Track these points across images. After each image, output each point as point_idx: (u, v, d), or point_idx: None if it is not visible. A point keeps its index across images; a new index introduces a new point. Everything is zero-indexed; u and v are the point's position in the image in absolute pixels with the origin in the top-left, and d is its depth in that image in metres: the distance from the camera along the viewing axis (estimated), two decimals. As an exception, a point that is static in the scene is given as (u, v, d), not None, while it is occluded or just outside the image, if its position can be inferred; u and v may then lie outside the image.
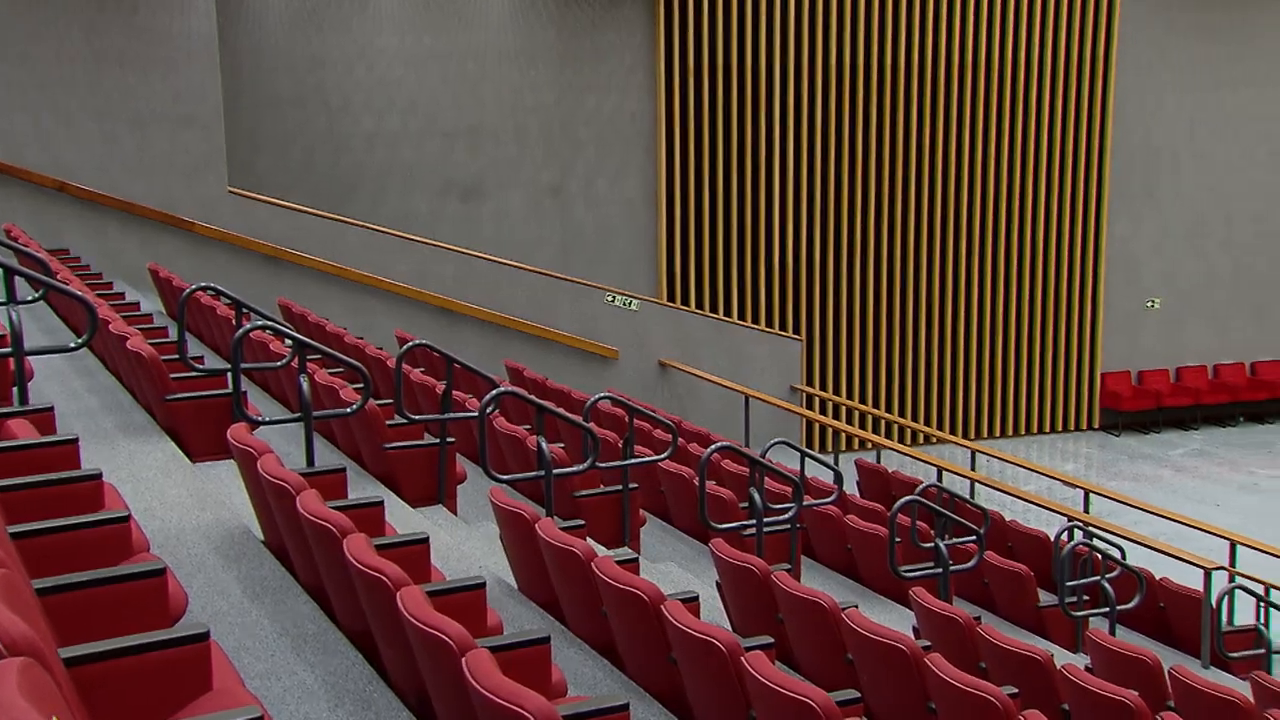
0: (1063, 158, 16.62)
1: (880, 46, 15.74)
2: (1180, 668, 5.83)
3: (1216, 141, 17.25)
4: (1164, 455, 16.45)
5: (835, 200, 15.88)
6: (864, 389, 16.33)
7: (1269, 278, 17.77)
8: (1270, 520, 13.71)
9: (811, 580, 7.28)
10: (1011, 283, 16.72)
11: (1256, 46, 17.16)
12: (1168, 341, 17.52)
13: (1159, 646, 7.93)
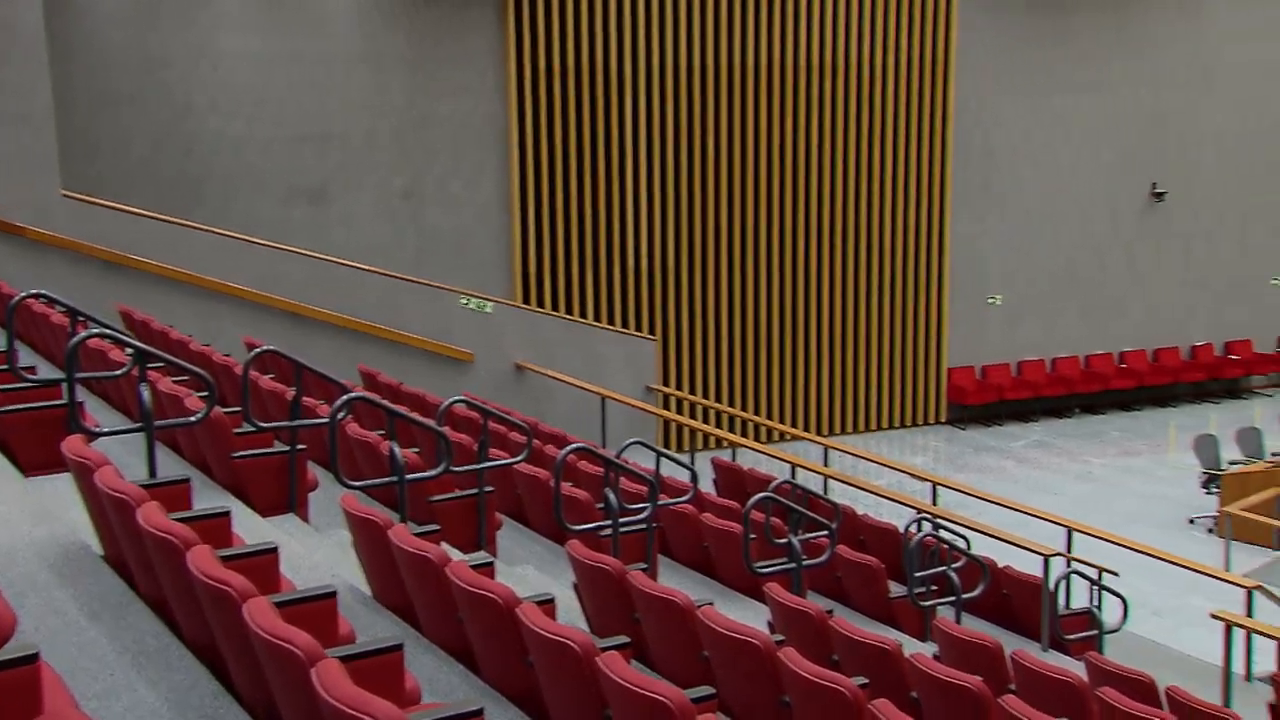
0: (907, 159, 17.09)
1: (729, 50, 15.96)
2: (1021, 652, 6.03)
3: (1049, 144, 17.92)
4: (1006, 447, 17.03)
5: (688, 201, 16.05)
6: (719, 388, 16.53)
7: (1097, 275, 18.53)
8: (1103, 506, 14.33)
9: (669, 579, 7.34)
10: (861, 282, 17.11)
11: (1083, 52, 17.88)
12: (1008, 337, 18.15)
13: (1002, 632, 8.20)
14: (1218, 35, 18.58)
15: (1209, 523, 13.44)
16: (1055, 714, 4.99)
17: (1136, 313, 18.82)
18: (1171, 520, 13.87)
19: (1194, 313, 19.15)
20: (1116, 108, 18.18)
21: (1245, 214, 19.21)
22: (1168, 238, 18.81)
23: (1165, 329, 19.01)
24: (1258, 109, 19.02)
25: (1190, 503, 14.05)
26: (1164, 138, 18.54)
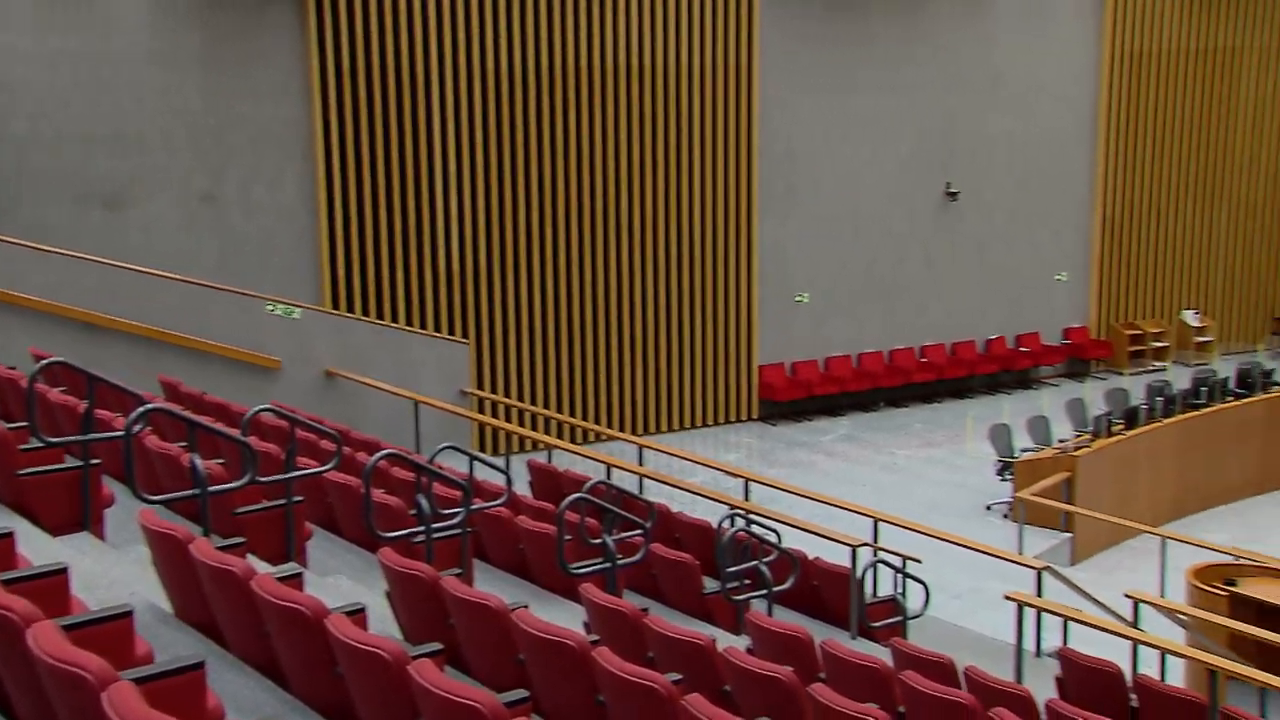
0: (714, 160, 17.38)
1: (537, 51, 15.96)
2: (830, 641, 6.21)
3: (849, 144, 18.48)
4: (816, 441, 17.49)
5: (498, 203, 15.99)
6: (534, 390, 16.52)
7: (898, 272, 19.21)
8: (908, 496, 14.85)
9: (484, 583, 7.30)
10: (672, 281, 17.33)
11: (879, 55, 18.50)
12: (816, 334, 18.64)
13: (813, 622, 8.41)
14: (1004, 41, 19.46)
15: (1004, 508, 14.06)
16: (861, 699, 5.15)
17: (935, 308, 19.57)
18: (970, 507, 14.47)
19: (987, 308, 20.02)
20: (912, 109, 18.87)
21: (1032, 213, 20.18)
22: (962, 236, 19.63)
23: (962, 323, 19.82)
24: (1040, 113, 19.98)
25: (987, 490, 14.67)
26: (956, 139, 19.34)
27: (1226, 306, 22.22)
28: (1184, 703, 6.72)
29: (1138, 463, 14.21)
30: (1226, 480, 15.01)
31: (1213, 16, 21.05)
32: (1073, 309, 20.80)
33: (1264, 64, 21.68)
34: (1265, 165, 22.08)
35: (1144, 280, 21.38)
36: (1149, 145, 20.93)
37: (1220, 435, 14.93)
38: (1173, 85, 20.95)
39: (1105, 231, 20.78)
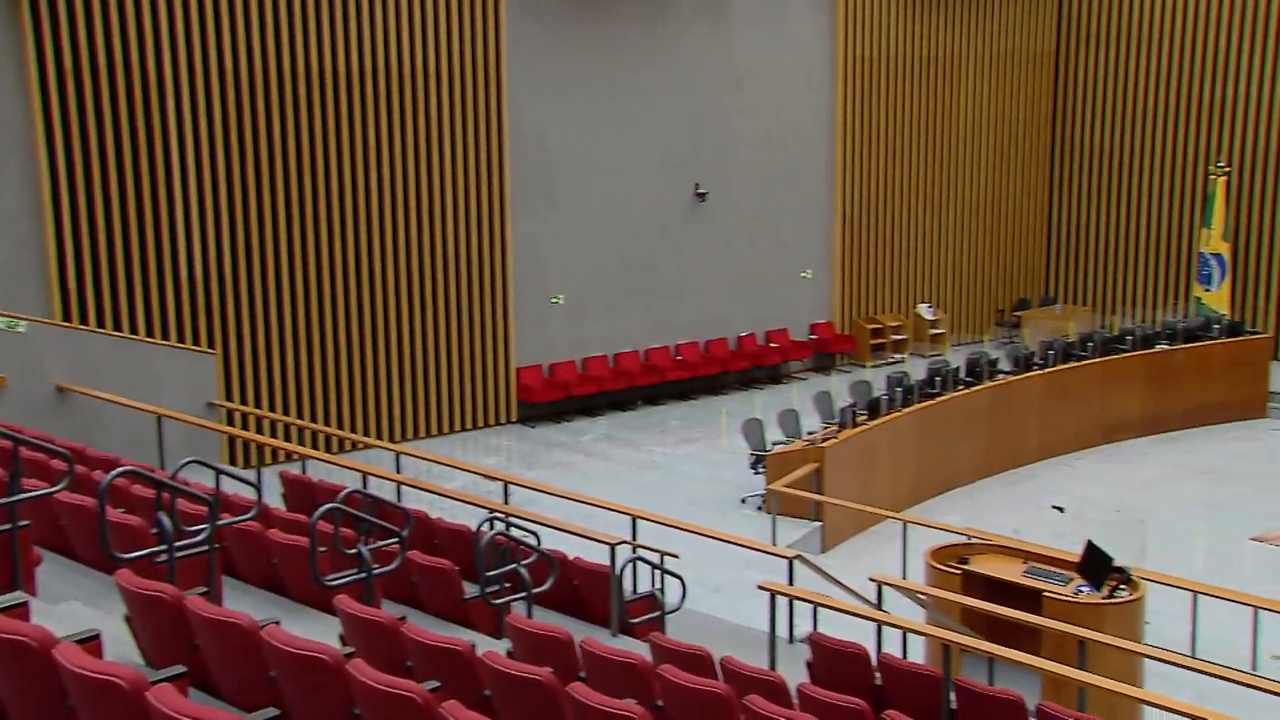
0: (465, 163, 17.28)
1: (278, 52, 15.51)
2: (590, 639, 6.27)
3: (599, 146, 18.68)
4: (575, 442, 17.61)
5: (243, 208, 15.46)
6: (286, 400, 16.04)
7: (651, 272, 19.54)
8: (667, 492, 15.14)
9: (234, 601, 7.04)
10: (426, 285, 17.14)
11: (625, 58, 18.77)
12: (573, 335, 18.77)
13: (574, 622, 8.48)
14: (743, 45, 20.06)
15: (758, 501, 14.50)
16: (621, 696, 5.22)
17: (688, 307, 20.01)
18: (727, 501, 14.86)
19: (739, 305, 20.60)
20: (660, 111, 19.22)
21: (777, 213, 20.88)
22: (712, 235, 20.13)
23: (715, 322, 20.33)
24: (781, 115, 20.70)
25: (743, 483, 15.09)
26: (703, 140, 19.82)
27: (956, 300, 23.56)
28: (922, 677, 7.09)
29: (880, 451, 14.90)
30: (959, 464, 15.91)
31: (933, 26, 22.27)
32: (818, 305, 21.64)
33: (980, 73, 23.08)
34: (985, 168, 23.52)
35: (882, 277, 22.44)
36: (882, 147, 21.97)
37: (953, 422, 15.82)
38: (901, 90, 22.05)
39: (846, 230, 21.70)
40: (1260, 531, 14.01)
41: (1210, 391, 18.37)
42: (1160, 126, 22.81)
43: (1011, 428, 16.55)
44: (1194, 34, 22.17)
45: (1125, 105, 23.22)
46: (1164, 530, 14.37)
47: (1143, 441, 17.74)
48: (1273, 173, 21.50)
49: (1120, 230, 23.59)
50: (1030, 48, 23.70)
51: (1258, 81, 21.51)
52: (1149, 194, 23.12)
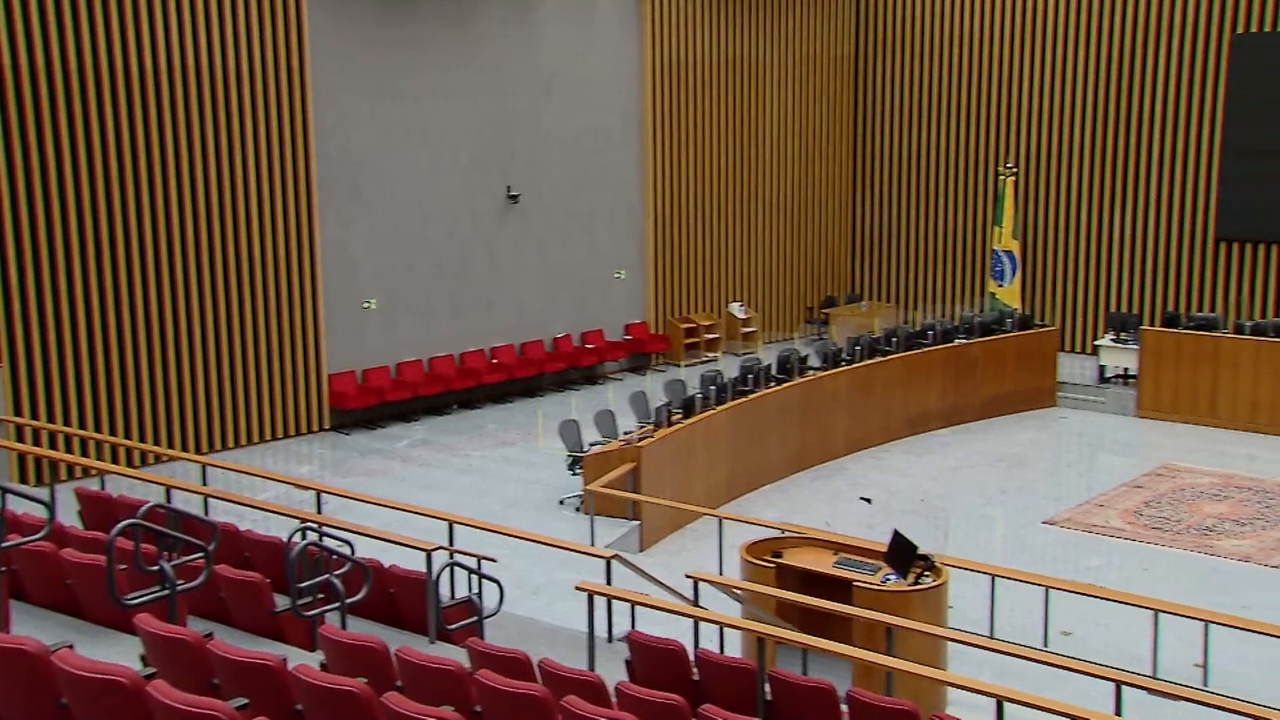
0: (269, 165, 16.83)
1: (63, 50, 14.81)
2: (406, 648, 6.18)
3: (409, 147, 18.44)
4: (391, 448, 17.34)
5: (28, 214, 14.71)
6: (83, 412, 15.33)
7: (465, 274, 19.40)
8: (485, 496, 15.05)
9: (24, 626, 6.70)
10: (231, 291, 16.63)
11: (434, 59, 18.58)
12: (386, 339, 18.47)
13: (391, 631, 8.34)
14: (552, 45, 20.09)
15: (576, 502, 14.53)
16: (438, 704, 5.16)
17: (503, 309, 19.92)
18: (546, 502, 14.85)
19: (553, 307, 20.62)
20: (469, 113, 19.09)
21: (589, 213, 20.98)
22: (525, 237, 20.09)
23: (529, 323, 20.30)
24: (591, 116, 20.81)
25: (561, 484, 15.11)
26: (514, 141, 19.76)
27: (767, 299, 24.09)
28: (738, 670, 7.22)
29: (696, 449, 15.11)
30: (772, 460, 16.26)
31: (737, 30, 22.73)
32: (632, 306, 21.82)
33: (784, 76, 23.65)
34: (791, 170, 24.11)
35: (695, 276, 22.78)
36: (692, 149, 22.31)
37: (766, 419, 16.15)
38: (709, 93, 22.43)
39: (658, 231, 21.94)
40: (1052, 514, 14.73)
41: (1005, 383, 19.23)
42: (954, 129, 23.77)
43: (822, 423, 17.00)
44: (982, 41, 23.18)
45: (921, 109, 24.12)
46: (965, 517, 14.99)
47: (944, 432, 18.45)
48: (1057, 173, 22.64)
49: (919, 229, 24.51)
50: (831, 52, 24.41)
51: (1041, 87, 22.61)
52: (945, 194, 24.08)
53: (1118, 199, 22.06)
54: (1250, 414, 18.12)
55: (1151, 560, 13.29)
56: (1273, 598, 12.16)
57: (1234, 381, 18.23)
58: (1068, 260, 22.73)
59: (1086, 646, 10.72)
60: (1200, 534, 13.98)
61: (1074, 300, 22.74)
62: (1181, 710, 7.96)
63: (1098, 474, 17.10)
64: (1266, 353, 17.98)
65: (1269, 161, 20.37)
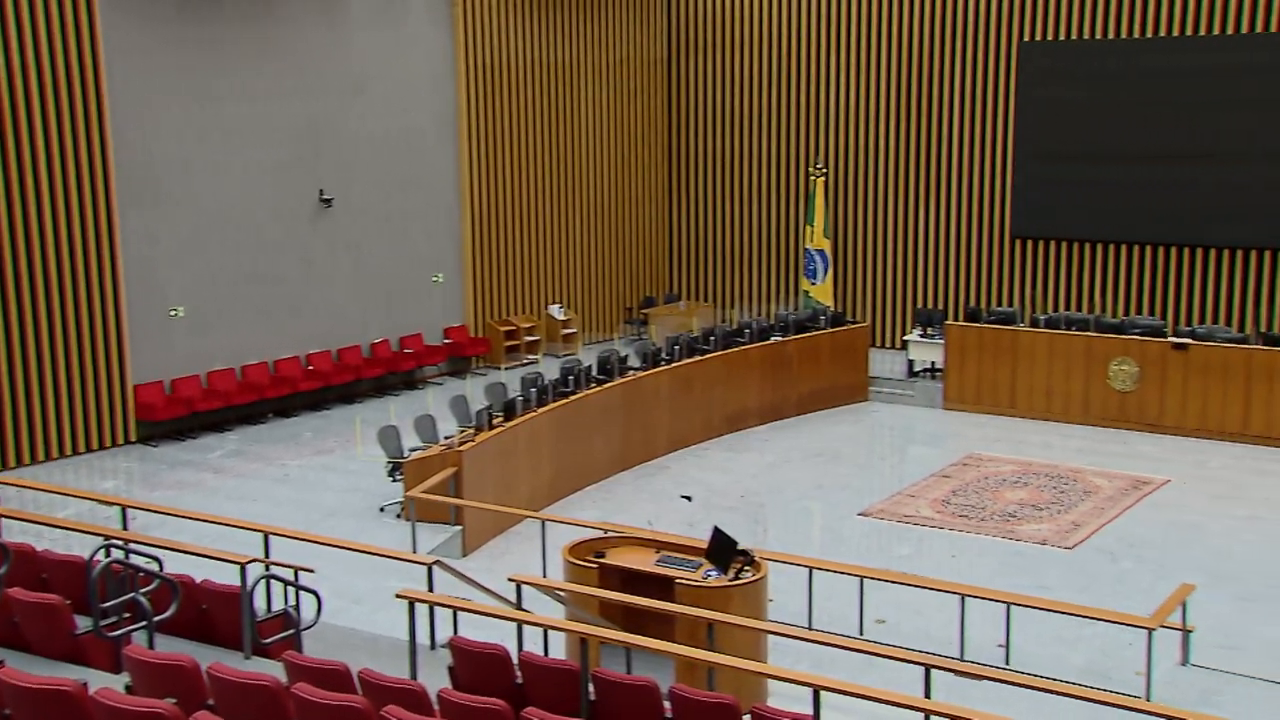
0: (65, 170, 16.11)
1: None
2: (219, 665, 5.99)
3: (216, 151, 17.90)
4: (203, 459, 16.79)
5: None
6: None
7: (279, 280, 18.93)
8: (304, 505, 14.72)
9: None
10: (26, 303, 15.85)
11: (238, 60, 18.07)
12: (196, 348, 17.87)
13: (203, 648, 8.07)
14: (362, 47, 19.77)
15: (397, 508, 14.33)
16: None
17: (319, 315, 19.50)
18: (366, 510, 14.60)
19: (370, 312, 20.28)
20: (278, 114, 18.63)
21: (405, 216, 20.71)
22: (339, 241, 19.71)
23: (346, 329, 19.91)
24: (405, 118, 20.56)
25: (381, 491, 14.87)
26: (325, 144, 19.36)
27: (586, 300, 24.19)
28: (562, 672, 7.23)
29: (518, 452, 15.06)
30: (595, 461, 16.33)
31: (550, 32, 22.77)
32: (451, 309, 21.63)
33: (598, 78, 23.80)
34: (608, 171, 24.28)
35: (514, 278, 22.71)
36: (508, 151, 22.24)
37: (587, 420, 16.22)
38: (524, 94, 22.40)
39: (475, 233, 21.81)
40: (865, 506, 15.19)
41: (819, 379, 19.75)
42: (766, 130, 24.29)
43: (643, 422, 17.16)
44: (789, 43, 23.76)
45: (733, 110, 24.58)
46: (783, 511, 15.34)
47: (763, 429, 18.84)
48: (865, 174, 23.36)
49: (735, 229, 24.97)
50: (644, 54, 24.66)
51: (847, 89, 23.30)
52: (759, 194, 24.59)
53: (921, 199, 22.90)
54: (1046, 403, 19.03)
55: (959, 547, 13.83)
56: (1068, 577, 12.80)
57: (1031, 373, 19.12)
58: (877, 258, 23.48)
59: (900, 633, 11.09)
60: (1003, 520, 14.62)
61: (883, 297, 23.51)
62: (986, 689, 8.31)
63: (908, 465, 17.71)
64: (1060, 345, 18.90)
65: (1057, 163, 21.43)
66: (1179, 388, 18.08)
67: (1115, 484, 15.89)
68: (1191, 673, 10.39)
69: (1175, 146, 20.48)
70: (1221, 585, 12.35)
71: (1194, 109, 20.28)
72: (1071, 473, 16.38)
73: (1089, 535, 14.03)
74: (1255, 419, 17.58)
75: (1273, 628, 11.23)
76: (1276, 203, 19.78)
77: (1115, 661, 10.52)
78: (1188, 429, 17.99)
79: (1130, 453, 17.38)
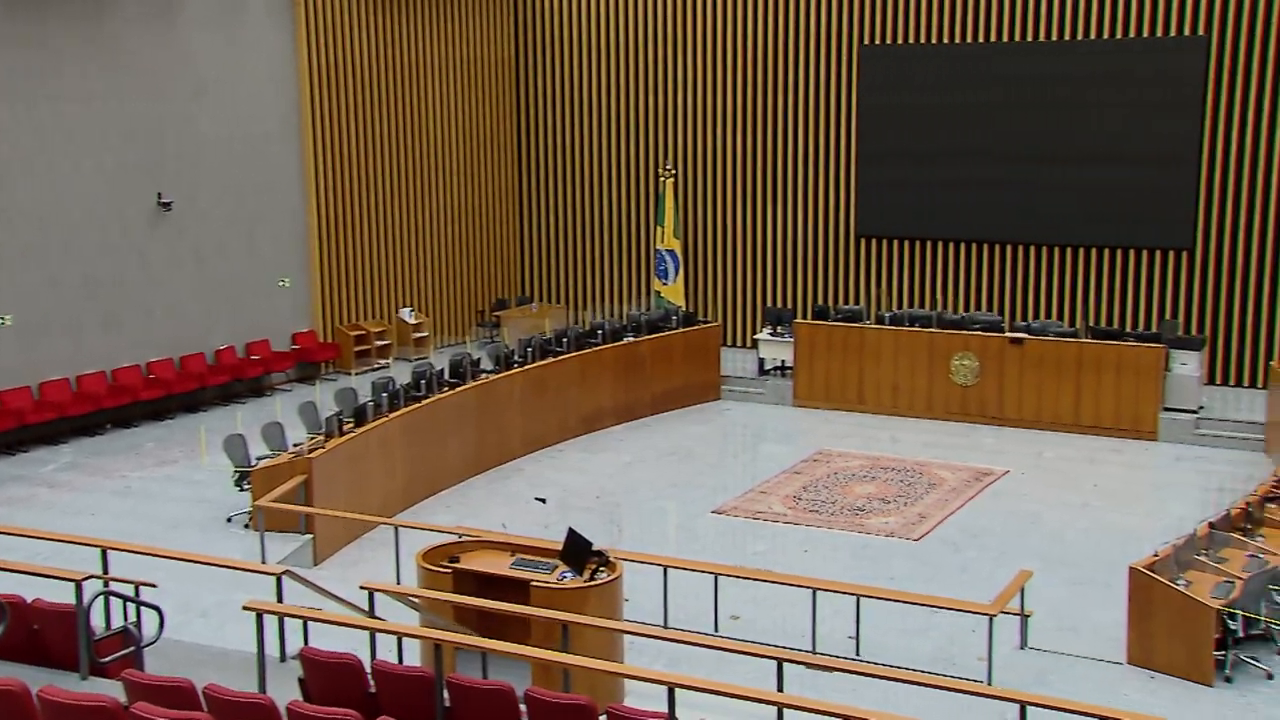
0: (-116, 171, 15.32)
1: None
2: (52, 688, 5.77)
3: (47, 153, 17.22)
4: (35, 474, 16.14)
5: None
6: None
7: (117, 287, 18.29)
8: (147, 518, 14.27)
9: None
10: None
11: (67, 60, 17.41)
12: (27, 358, 17.15)
13: (37, 671, 7.75)
14: (201, 48, 19.24)
15: (245, 518, 13.99)
16: (88, 743, 4.84)
17: (160, 322, 18.90)
18: (213, 521, 14.23)
19: (214, 318, 19.74)
20: (114, 117, 18.00)
21: (249, 219, 20.22)
22: (182, 246, 19.13)
23: (189, 335, 19.34)
24: (247, 120, 20.08)
25: (228, 502, 14.51)
26: (166, 147, 18.77)
27: (438, 303, 23.95)
28: (416, 679, 7.15)
29: (370, 458, 14.83)
30: (449, 464, 16.18)
31: (396, 32, 22.48)
32: (299, 314, 21.20)
33: (446, 79, 23.60)
34: (458, 173, 24.08)
35: (363, 282, 22.37)
36: (355, 152, 21.89)
37: (440, 424, 16.05)
38: (371, 96, 22.08)
39: (322, 236, 21.41)
40: (720, 504, 15.38)
41: (673, 378, 19.92)
42: (615, 131, 24.39)
43: (497, 425, 17.07)
44: (636, 45, 23.90)
45: (584, 111, 24.62)
46: (639, 511, 15.43)
47: (618, 429, 18.92)
48: (714, 174, 23.64)
49: (586, 230, 25.01)
50: (492, 54, 24.53)
51: (695, 91, 23.54)
52: (610, 195, 24.68)
53: (769, 199, 23.27)
54: (892, 399, 19.53)
55: (811, 541, 14.10)
56: (915, 568, 13.16)
57: (877, 369, 19.60)
58: (727, 258, 23.78)
59: (755, 628, 11.26)
60: (852, 514, 14.95)
61: (734, 297, 23.83)
62: (837, 680, 8.50)
63: (761, 463, 17.98)
64: (905, 341, 19.42)
65: (898, 164, 22.02)
66: (1016, 381, 18.75)
67: (959, 476, 16.39)
68: (1029, 655, 10.78)
69: (1011, 148, 21.22)
70: (1057, 570, 12.85)
71: (1027, 112, 21.04)
72: (917, 466, 16.84)
73: (934, 527, 14.44)
74: (1086, 410, 18.33)
75: (1103, 610, 11.73)
76: (1105, 202, 20.66)
77: (960, 648, 10.86)
78: (1025, 421, 18.67)
79: (972, 445, 17.95)
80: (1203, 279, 20.33)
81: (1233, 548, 11.36)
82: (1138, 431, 18.00)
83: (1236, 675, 10.25)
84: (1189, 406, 18.03)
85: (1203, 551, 11.10)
